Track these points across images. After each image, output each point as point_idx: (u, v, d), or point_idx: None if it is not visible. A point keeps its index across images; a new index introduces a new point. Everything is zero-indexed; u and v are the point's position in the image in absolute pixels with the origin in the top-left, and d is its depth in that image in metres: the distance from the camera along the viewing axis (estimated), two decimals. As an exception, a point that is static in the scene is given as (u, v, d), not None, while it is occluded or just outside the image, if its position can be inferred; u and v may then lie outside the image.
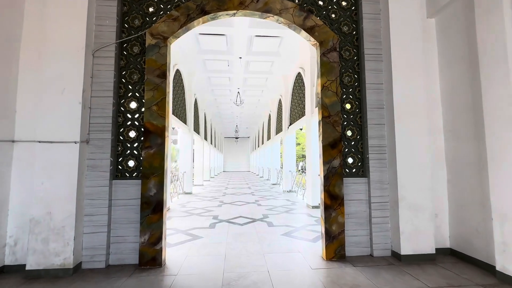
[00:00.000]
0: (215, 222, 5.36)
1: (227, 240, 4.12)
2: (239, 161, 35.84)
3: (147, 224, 3.07)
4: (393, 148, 3.36)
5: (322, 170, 3.40)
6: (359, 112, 3.65)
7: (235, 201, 8.27)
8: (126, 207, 3.19)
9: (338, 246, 3.25)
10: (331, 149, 3.38)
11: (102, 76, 3.23)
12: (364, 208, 3.47)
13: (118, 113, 3.33)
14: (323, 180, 3.34)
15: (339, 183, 3.34)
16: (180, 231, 4.65)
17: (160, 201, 3.13)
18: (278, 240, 4.13)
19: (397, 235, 3.26)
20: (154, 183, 3.14)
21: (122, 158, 3.30)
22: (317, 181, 6.92)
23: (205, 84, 11.64)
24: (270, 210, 6.62)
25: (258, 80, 11.52)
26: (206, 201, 8.35)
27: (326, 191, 3.32)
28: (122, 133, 3.32)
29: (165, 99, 3.25)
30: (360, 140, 3.62)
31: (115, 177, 3.26)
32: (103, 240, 3.05)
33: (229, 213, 6.30)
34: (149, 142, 3.17)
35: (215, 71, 10.29)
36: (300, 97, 8.95)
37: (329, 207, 3.30)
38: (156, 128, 3.19)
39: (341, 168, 3.37)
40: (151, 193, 3.12)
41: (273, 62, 9.40)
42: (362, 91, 3.63)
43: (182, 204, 7.74)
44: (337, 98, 3.45)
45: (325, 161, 3.36)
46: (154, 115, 3.20)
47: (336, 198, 3.32)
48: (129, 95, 3.36)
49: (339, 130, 3.42)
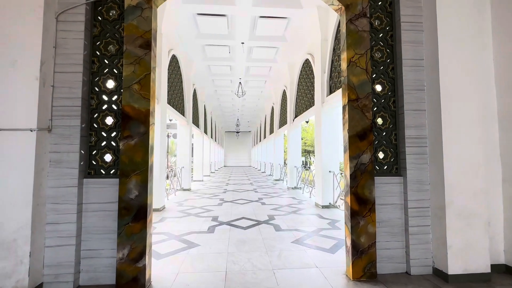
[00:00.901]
0: (215, 224, 4.71)
1: (228, 249, 3.46)
2: (240, 156, 35.19)
3: (126, 235, 2.41)
4: (437, 140, 2.66)
5: (347, 167, 2.71)
6: (392, 95, 2.94)
7: (237, 199, 7.62)
8: (101, 213, 2.53)
9: (368, 263, 2.58)
10: (359, 141, 2.68)
11: (70, 46, 2.53)
12: (399, 214, 2.80)
13: (90, 94, 2.63)
14: (349, 179, 2.65)
15: (369, 183, 2.66)
16: (173, 237, 4.00)
17: (143, 205, 2.46)
18: (289, 249, 3.47)
19: (442, 250, 2.58)
20: (136, 183, 2.46)
21: (96, 151, 2.62)
22: (329, 178, 6.25)
23: (204, 73, 10.89)
24: (276, 210, 5.96)
25: (261, 70, 10.76)
26: (205, 198, 7.71)
27: (353, 193, 2.64)
28: (96, 119, 2.63)
29: (149, 76, 2.54)
30: (394, 130, 2.92)
31: (87, 175, 2.58)
32: (70, 255, 2.39)
33: (231, 213, 5.65)
34: (129, 130, 2.48)
35: (216, 58, 9.54)
36: (307, 86, 8.21)
37: (356, 213, 2.62)
38: (137, 112, 2.50)
39: (371, 165, 2.68)
40: (132, 195, 2.45)
41: (278, 48, 8.64)
42: (397, 68, 2.92)
43: (179, 202, 7.09)
44: (367, 77, 2.74)
45: (352, 156, 2.67)
46: (135, 96, 2.50)
47: (365, 202, 2.64)
48: (105, 72, 2.66)
49: (369, 117, 2.71)
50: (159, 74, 6.04)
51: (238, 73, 11.04)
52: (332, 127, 6.41)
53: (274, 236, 4.02)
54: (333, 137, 6.41)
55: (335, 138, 6.43)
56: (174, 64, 8.05)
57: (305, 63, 8.52)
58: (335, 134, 6.45)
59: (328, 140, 6.36)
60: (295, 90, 9.69)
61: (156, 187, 5.88)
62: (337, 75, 5.80)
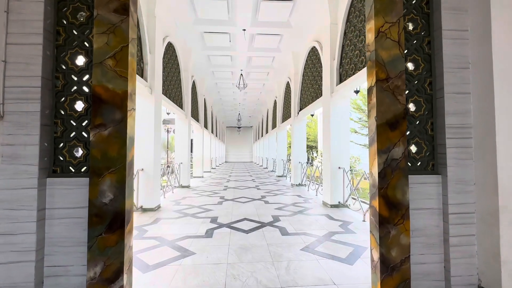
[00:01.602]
0: (214, 227, 4.22)
1: (228, 258, 2.97)
2: (241, 152, 34.70)
3: (99, 250, 1.91)
4: (488, 130, 2.14)
5: (374, 164, 2.19)
6: (428, 75, 2.40)
7: (238, 197, 7.13)
8: (69, 221, 2.03)
9: (400, 281, 2.08)
10: (390, 131, 2.16)
11: (27, 11, 2.00)
12: (436, 221, 2.28)
13: (55, 72, 2.12)
14: (377, 179, 2.13)
15: (402, 183, 2.14)
16: (166, 243, 3.51)
17: (119, 211, 1.95)
18: (299, 258, 2.97)
19: (493, 265, 2.08)
20: (111, 184, 1.95)
21: (64, 143, 2.11)
22: (338, 175, 5.73)
23: (204, 64, 10.33)
24: (280, 210, 5.47)
25: (264, 60, 10.18)
26: (204, 196, 7.22)
27: (381, 196, 2.12)
28: (62, 104, 2.12)
29: (127, 49, 2.02)
30: (429, 118, 2.39)
31: (52, 174, 2.08)
32: (29, 274, 1.91)
33: (231, 213, 5.16)
34: (102, 117, 1.96)
35: (215, 47, 8.98)
36: (314, 76, 7.65)
37: (386, 220, 2.11)
38: (112, 95, 1.98)
39: (405, 161, 2.15)
40: (105, 199, 1.94)
41: (282, 36, 8.07)
42: (434, 42, 2.38)
43: (176, 200, 6.61)
44: (399, 51, 2.20)
45: (381, 149, 2.14)
46: (109, 74, 1.98)
47: (397, 207, 2.13)
48: (74, 45, 2.14)
49: (402, 101, 2.18)
50: (153, 61, 5.51)
51: (239, 64, 10.47)
52: (342, 119, 5.87)
53: (281, 242, 3.52)
54: (343, 130, 5.88)
55: (345, 131, 5.90)
56: (171, 53, 7.50)
57: (311, 51, 7.94)
58: (345, 127, 5.91)
59: (338, 133, 5.83)
60: (299, 81, 9.13)
61: (151, 185, 5.40)
62: (349, 62, 5.24)
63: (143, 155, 5.39)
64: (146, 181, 5.38)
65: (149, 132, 5.42)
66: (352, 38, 5.11)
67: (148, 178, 5.39)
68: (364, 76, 4.59)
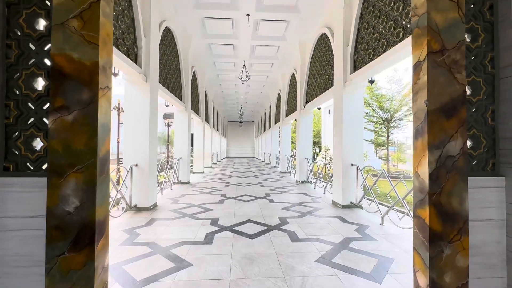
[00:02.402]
0: (214, 230, 3.76)
1: (230, 272, 2.50)
2: (243, 147, 34.22)
3: (60, 274, 1.44)
4: None
5: (423, 162, 1.69)
6: (489, 48, 1.88)
7: (241, 194, 6.66)
8: (26, 234, 1.56)
9: (455, 316, 1.60)
10: (445, 119, 1.65)
11: (-36, -45, 1.50)
12: (497, 236, 1.79)
13: (7, 38, 1.62)
14: (428, 182, 1.64)
15: (460, 188, 1.64)
16: (159, 250, 3.05)
17: (88, 223, 1.47)
18: (315, 273, 2.50)
19: None
20: (76, 186, 1.47)
21: (18, 132, 1.62)
22: (350, 172, 5.23)
23: (205, 53, 9.77)
24: (287, 210, 4.99)
25: (268, 50, 9.61)
26: (205, 194, 6.76)
27: (433, 203, 1.63)
28: (16, 81, 1.62)
29: (97, 5, 1.51)
30: (490, 104, 1.88)
31: (4, 172, 1.60)
32: (-31, 304, 1.44)
33: (234, 214, 4.69)
34: (64, 97, 1.47)
35: (217, 35, 8.42)
36: (323, 66, 7.10)
37: (439, 236, 1.62)
38: (78, 67, 1.48)
39: (463, 159, 1.65)
40: (69, 206, 1.46)
41: (289, 22, 7.49)
42: (499, 6, 1.85)
43: (174, 198, 6.15)
44: (459, 14, 1.67)
45: (433, 143, 1.64)
46: (74, 39, 1.48)
47: (453, 218, 1.63)
48: (31, 2, 1.63)
49: (461, 80, 1.67)
50: (148, 46, 4.98)
51: (242, 54, 9.90)
52: (356, 111, 5.35)
53: (291, 250, 3.05)
54: (357, 123, 5.36)
55: (359, 124, 5.38)
56: (169, 39, 6.95)
57: (320, 39, 7.37)
58: (359, 120, 5.39)
59: (351, 126, 5.31)
60: (306, 72, 8.57)
61: (146, 182, 4.92)
62: (365, 47, 4.69)
63: (137, 150, 4.91)
64: (140, 178, 4.90)
65: (143, 124, 4.92)
66: (371, 20, 4.55)
67: (142, 174, 4.91)
68: (384, 62, 4.06)
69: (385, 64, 4.15)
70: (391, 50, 3.80)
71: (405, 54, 3.70)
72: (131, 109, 4.92)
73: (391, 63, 4.12)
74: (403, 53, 3.65)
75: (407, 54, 3.68)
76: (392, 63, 4.09)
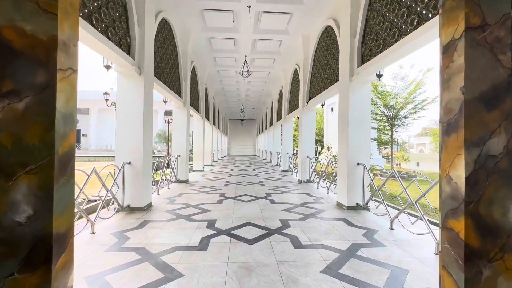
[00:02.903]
0: (210, 234, 3.48)
1: (225, 284, 2.22)
2: (244, 145, 33.94)
3: (8, 299, 1.16)
4: None
5: (456, 163, 1.39)
6: (534, 27, 1.56)
7: (240, 194, 6.38)
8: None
9: None
10: (485, 111, 1.35)
11: None
12: (543, 251, 1.49)
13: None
14: (464, 187, 1.34)
15: (503, 195, 1.34)
16: (148, 257, 2.77)
17: (44, 236, 1.19)
18: (321, 287, 2.21)
19: None
20: (28, 191, 1.18)
21: (-35, 124, 1.33)
22: (357, 172, 4.94)
23: (205, 47, 9.46)
24: (289, 212, 4.70)
25: (270, 45, 9.28)
26: (203, 193, 6.49)
27: (470, 214, 1.33)
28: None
29: (58, -34, 1.21)
30: (535, 94, 1.57)
31: None
32: None
33: (232, 215, 4.41)
34: (13, 79, 1.18)
35: (217, 29, 8.11)
36: (327, 60, 6.77)
37: (476, 253, 1.32)
38: (31, 43, 1.19)
39: (508, 160, 1.35)
40: (20, 216, 1.18)
41: (292, 15, 7.17)
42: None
43: (170, 197, 5.88)
44: (503, -18, 1.36)
45: (470, 140, 1.34)
46: (26, 7, 1.19)
47: (494, 232, 1.34)
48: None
49: (506, 63, 1.36)
50: (142, 36, 4.69)
51: (244, 49, 9.59)
52: (363, 107, 5.03)
53: (294, 259, 2.76)
54: (364, 119, 5.04)
55: (366, 121, 5.06)
56: (166, 31, 6.65)
57: (324, 32, 7.04)
58: (367, 116, 5.07)
59: (358, 123, 5.00)
60: (310, 68, 8.25)
61: (140, 181, 4.65)
62: (374, 38, 4.38)
63: (130, 147, 4.63)
64: (134, 177, 4.63)
65: (137, 119, 4.64)
66: (380, 8, 4.23)
67: (136, 173, 4.64)
68: (395, 53, 3.75)
69: (396, 55, 3.83)
70: (404, 39, 3.49)
71: (420, 43, 3.38)
72: (124, 103, 4.64)
73: (403, 54, 3.80)
74: (418, 42, 3.33)
75: (423, 43, 3.36)
76: (404, 54, 3.77)
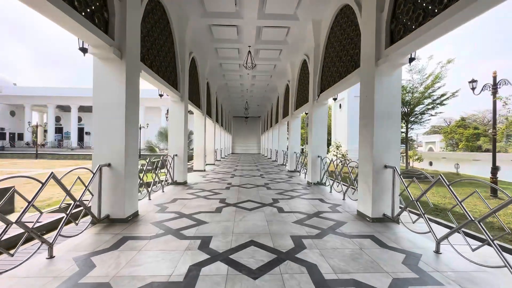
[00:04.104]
0: (202, 260, 2.66)
1: None
2: (249, 143, 33.11)
3: None
4: None
5: None
6: None
7: (244, 200, 5.56)
8: None
9: None
10: None
11: None
12: None
13: None
14: None
15: None
16: (110, 301, 1.96)
17: None
18: None
19: None
20: None
21: None
22: (385, 177, 4.06)
23: (205, 37, 8.62)
24: (302, 226, 3.86)
25: (277, 32, 8.41)
26: (200, 198, 5.68)
27: None
28: None
29: None
30: None
31: None
32: None
33: (232, 230, 3.59)
34: None
35: (218, 14, 7.27)
36: (343, 45, 5.88)
37: None
38: None
39: None
40: None
41: (302, -4, 6.29)
42: None
43: (162, 204, 5.09)
44: None
45: None
46: None
47: None
48: None
49: None
50: (123, 12, 3.88)
51: (247, 38, 8.73)
52: (393, 96, 4.15)
53: (317, 306, 1.92)
54: (393, 113, 4.16)
55: (395, 114, 4.17)
56: (159, 14, 5.83)
57: (339, 14, 6.14)
58: (396, 108, 4.18)
59: (385, 118, 4.12)
60: (321, 56, 7.36)
61: (122, 187, 3.86)
62: (411, 9, 3.48)
63: (109, 145, 3.84)
64: (114, 182, 3.84)
65: (117, 111, 3.84)
66: (420, -30, 3.33)
67: (117, 177, 3.85)
68: (443, 24, 2.85)
69: (445, 27, 2.93)
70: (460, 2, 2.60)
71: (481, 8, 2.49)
72: (101, 93, 3.84)
73: (454, 25, 2.90)
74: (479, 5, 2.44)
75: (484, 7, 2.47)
76: (456, 24, 2.87)
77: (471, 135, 36.58)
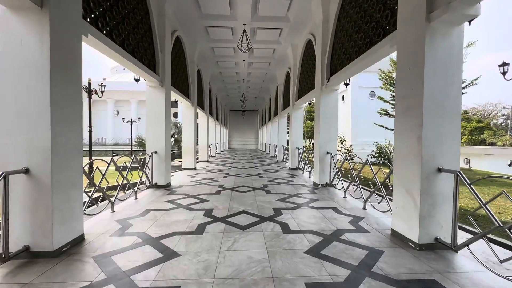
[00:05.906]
0: None
1: None
2: (246, 138, 31.78)
3: None
4: None
5: None
6: None
7: (236, 211, 4.29)
8: None
9: None
10: None
11: None
12: None
13: None
14: None
15: None
16: None
17: None
18: None
19: None
20: None
21: None
22: (437, 184, 2.79)
23: (191, 11, 7.19)
24: (320, 260, 2.61)
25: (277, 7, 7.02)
26: (181, 209, 4.40)
27: None
28: None
29: None
30: None
31: None
32: None
33: (215, 269, 2.33)
34: None
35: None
36: (364, 10, 4.54)
37: None
38: None
39: None
40: None
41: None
42: None
43: (127, 219, 3.80)
44: None
45: None
46: None
47: None
48: None
49: None
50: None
51: (242, 13, 7.33)
52: (452, 70, 2.85)
53: None
54: (452, 94, 2.87)
55: (455, 96, 2.88)
56: None
57: (358, -29, 4.78)
58: (454, 88, 2.89)
59: (437, 106, 2.83)
60: (331, 31, 6.01)
61: (47, 203, 2.55)
62: None
63: (22, 140, 2.52)
64: (35, 195, 2.53)
65: (31, 82, 2.51)
66: None
67: (39, 188, 2.54)
68: None
69: None
70: None
71: None
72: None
73: None
74: None
75: None
76: None
77: (474, 128, 35.49)
